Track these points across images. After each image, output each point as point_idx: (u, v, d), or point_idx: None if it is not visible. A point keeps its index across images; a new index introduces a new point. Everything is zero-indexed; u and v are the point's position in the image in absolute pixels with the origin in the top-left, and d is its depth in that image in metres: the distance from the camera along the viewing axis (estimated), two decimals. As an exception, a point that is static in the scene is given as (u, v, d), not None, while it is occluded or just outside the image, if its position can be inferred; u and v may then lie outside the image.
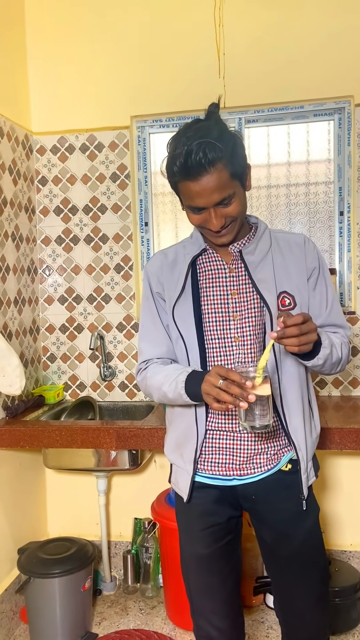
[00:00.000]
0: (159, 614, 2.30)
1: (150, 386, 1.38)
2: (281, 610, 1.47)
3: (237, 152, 1.22)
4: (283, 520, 1.38)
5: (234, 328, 1.34)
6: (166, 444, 1.48)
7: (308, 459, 1.38)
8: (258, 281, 1.33)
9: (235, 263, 1.36)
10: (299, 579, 1.39)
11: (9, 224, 2.31)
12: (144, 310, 1.45)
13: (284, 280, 1.34)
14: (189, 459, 1.38)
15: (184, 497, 1.40)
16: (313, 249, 1.39)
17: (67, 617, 2.07)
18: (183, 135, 1.20)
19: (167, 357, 1.42)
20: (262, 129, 2.47)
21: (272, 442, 1.37)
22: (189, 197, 1.24)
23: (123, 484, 2.56)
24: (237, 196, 1.24)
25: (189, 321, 1.36)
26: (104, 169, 2.51)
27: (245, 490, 1.39)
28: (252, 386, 1.13)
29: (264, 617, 2.24)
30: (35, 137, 2.55)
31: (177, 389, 1.28)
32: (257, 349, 1.34)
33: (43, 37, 2.50)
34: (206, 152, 1.16)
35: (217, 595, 1.41)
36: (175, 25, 2.39)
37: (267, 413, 1.16)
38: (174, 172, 1.22)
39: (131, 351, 2.54)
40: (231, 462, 1.36)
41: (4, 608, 2.14)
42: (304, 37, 2.30)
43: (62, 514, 2.61)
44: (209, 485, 1.39)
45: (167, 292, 1.39)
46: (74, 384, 2.61)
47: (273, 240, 1.38)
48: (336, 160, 2.40)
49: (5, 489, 2.22)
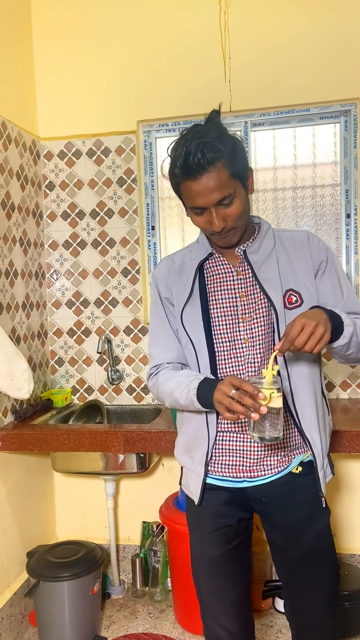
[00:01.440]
0: (167, 617, 2.29)
1: (162, 392, 1.39)
2: (291, 613, 1.47)
3: (236, 152, 1.25)
4: (294, 523, 1.38)
5: (244, 330, 1.34)
6: (177, 447, 1.49)
7: (324, 455, 1.38)
8: (263, 280, 1.33)
9: (242, 265, 1.37)
10: (310, 581, 1.39)
11: (17, 229, 2.33)
12: (153, 315, 1.46)
13: (289, 278, 1.35)
14: (199, 462, 1.38)
15: (195, 500, 1.40)
16: (318, 243, 1.39)
17: (76, 620, 2.07)
18: (182, 138, 1.24)
19: (177, 361, 1.42)
20: (268, 132, 2.47)
21: (284, 443, 1.37)
22: (190, 198, 1.26)
23: (131, 488, 2.56)
24: (238, 196, 1.25)
25: (198, 325, 1.36)
26: (111, 173, 2.52)
27: (255, 493, 1.39)
28: (265, 398, 1.13)
29: (273, 621, 2.23)
30: (43, 143, 2.56)
31: (189, 395, 1.29)
32: (267, 350, 1.34)
33: (49, 43, 2.52)
34: (204, 152, 1.19)
35: (227, 597, 1.41)
36: (180, 29, 2.40)
37: (278, 425, 1.16)
38: (175, 173, 1.25)
39: (138, 355, 2.55)
40: (241, 464, 1.37)
41: (13, 611, 2.15)
42: (309, 40, 2.31)
43: (71, 517, 2.61)
44: (220, 487, 1.39)
45: (176, 297, 1.40)
46: (82, 387, 2.62)
47: (277, 239, 1.39)
48: (342, 162, 2.40)
49: (14, 492, 2.23)
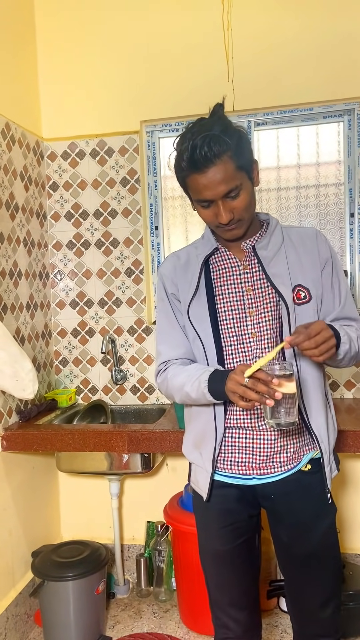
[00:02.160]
0: (172, 617, 2.30)
1: (172, 387, 1.39)
2: (293, 608, 1.48)
3: (242, 144, 1.26)
4: (301, 521, 1.38)
5: (251, 324, 1.34)
6: (185, 443, 1.49)
7: (330, 451, 1.39)
8: (272, 275, 1.33)
9: (248, 259, 1.37)
10: (313, 577, 1.40)
11: (21, 230, 2.33)
12: (160, 312, 1.46)
13: (298, 273, 1.35)
14: (208, 458, 1.38)
15: (204, 496, 1.40)
16: (324, 241, 1.40)
17: (81, 620, 2.07)
18: (188, 132, 1.25)
19: (185, 357, 1.43)
20: (272, 132, 2.47)
21: (293, 439, 1.37)
22: (197, 191, 1.26)
23: (135, 487, 2.56)
24: (244, 189, 1.26)
25: (205, 320, 1.37)
26: (114, 173, 2.52)
27: (264, 490, 1.39)
28: (278, 384, 1.14)
29: (278, 620, 2.23)
30: (46, 143, 2.57)
31: (199, 388, 1.29)
32: (275, 344, 1.34)
33: (52, 45, 2.52)
34: (211, 145, 1.20)
35: (235, 590, 1.43)
36: (183, 29, 2.40)
37: (293, 410, 1.17)
38: (182, 167, 1.26)
39: (142, 354, 2.55)
40: (251, 461, 1.37)
41: (18, 611, 2.15)
42: (312, 39, 2.30)
43: (75, 517, 2.62)
44: (229, 484, 1.40)
45: (182, 293, 1.41)
46: (86, 387, 2.63)
47: (285, 235, 1.39)
48: (346, 161, 2.39)
49: (18, 492, 2.24)
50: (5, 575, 2.12)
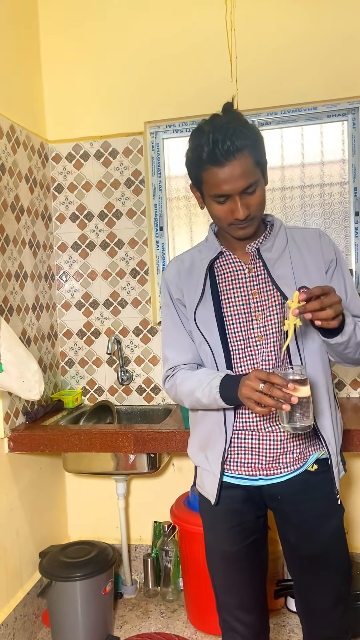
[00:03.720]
0: (180, 617, 2.30)
1: (181, 392, 1.39)
2: (302, 610, 1.47)
3: (259, 141, 1.27)
4: (308, 521, 1.38)
5: (257, 327, 1.34)
6: (190, 446, 1.48)
7: (337, 452, 1.39)
8: (277, 278, 1.33)
9: (253, 262, 1.37)
10: (321, 578, 1.39)
11: (26, 232, 2.34)
12: (166, 317, 1.46)
13: (302, 275, 1.35)
14: (215, 461, 1.37)
15: (212, 500, 1.39)
16: (328, 241, 1.40)
17: (89, 620, 2.08)
18: (206, 126, 1.24)
19: (193, 362, 1.42)
20: (276, 131, 2.46)
21: (299, 440, 1.36)
22: (214, 185, 1.25)
23: (142, 488, 2.57)
24: (260, 185, 1.27)
25: (212, 325, 1.36)
26: (119, 175, 2.53)
27: (271, 490, 1.39)
28: (293, 388, 1.14)
29: (286, 620, 2.23)
30: (51, 145, 2.58)
31: (211, 393, 1.29)
32: (281, 347, 1.33)
33: (57, 47, 2.53)
34: (233, 139, 1.19)
35: (243, 592, 1.43)
36: (186, 30, 2.40)
37: (309, 414, 1.17)
38: (202, 159, 1.23)
39: (148, 355, 2.56)
40: (257, 461, 1.36)
41: (26, 611, 2.16)
42: (315, 38, 2.30)
43: (82, 517, 2.63)
44: (235, 485, 1.39)
45: (187, 298, 1.40)
46: (92, 388, 2.63)
47: (289, 237, 1.39)
48: (351, 160, 2.39)
49: (26, 493, 2.25)
50: (13, 576, 2.13)
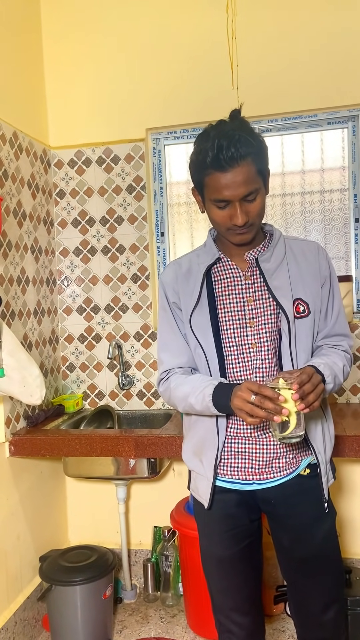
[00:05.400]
0: (179, 622, 2.30)
1: (175, 397, 1.40)
2: (296, 612, 1.48)
3: (263, 150, 1.29)
4: (301, 524, 1.39)
5: (251, 335, 1.36)
6: (184, 451, 1.50)
7: (327, 461, 1.40)
8: (274, 288, 1.35)
9: (251, 270, 1.38)
10: (315, 580, 1.40)
11: (29, 237, 2.36)
12: (162, 320, 1.47)
13: (299, 287, 1.37)
14: (209, 465, 1.39)
15: (205, 504, 1.41)
16: (325, 257, 1.42)
17: (89, 625, 2.08)
18: (212, 131, 1.26)
19: (187, 366, 1.44)
20: (276, 138, 2.48)
21: (292, 446, 1.38)
22: (216, 190, 1.27)
23: (142, 492, 2.57)
24: (260, 194, 1.29)
25: (207, 330, 1.38)
26: (120, 181, 2.55)
27: (264, 495, 1.40)
28: (284, 400, 1.16)
29: (285, 625, 2.23)
30: (53, 152, 2.60)
31: (204, 401, 1.31)
32: (274, 355, 1.36)
33: (59, 54, 2.56)
34: (238, 146, 1.21)
35: (238, 595, 1.44)
36: (188, 38, 2.43)
37: (300, 424, 1.19)
38: (206, 163, 1.25)
39: (149, 360, 2.57)
40: (251, 466, 1.38)
41: (26, 615, 2.17)
42: (315, 46, 2.32)
43: (83, 522, 2.63)
44: (229, 489, 1.41)
45: (184, 302, 1.42)
46: (93, 392, 2.64)
47: (287, 248, 1.41)
48: (351, 167, 2.41)
49: (26, 497, 2.25)
50: (14, 580, 2.13)
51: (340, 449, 1.86)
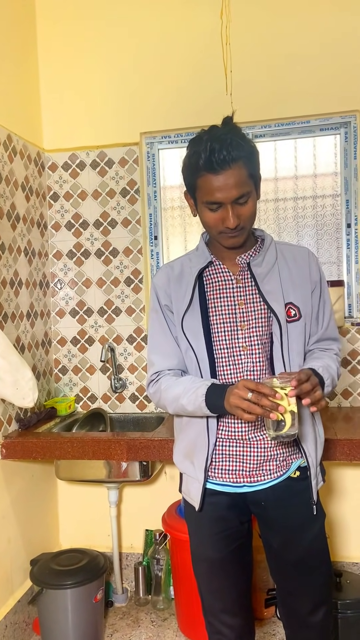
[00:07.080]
0: (170, 626, 2.30)
1: (165, 399, 1.41)
2: (285, 614, 1.50)
3: (255, 155, 1.31)
4: (291, 526, 1.41)
5: (242, 337, 1.37)
6: (175, 453, 1.50)
7: (317, 463, 1.42)
8: (266, 292, 1.36)
9: (242, 274, 1.39)
10: (303, 582, 1.41)
11: (22, 239, 2.36)
12: (153, 323, 1.48)
13: (290, 291, 1.39)
14: (200, 468, 1.40)
15: (196, 506, 1.42)
16: (316, 262, 1.44)
17: (79, 628, 2.08)
18: (205, 134, 1.28)
19: (178, 368, 1.45)
20: (269, 144, 2.50)
21: (282, 449, 1.39)
22: (208, 192, 1.28)
23: (134, 496, 2.57)
24: (252, 197, 1.30)
25: (198, 332, 1.39)
26: (114, 184, 2.55)
27: (255, 497, 1.41)
28: (281, 398, 1.18)
29: (276, 629, 2.23)
30: (47, 155, 2.60)
31: (197, 401, 1.31)
32: (265, 358, 1.37)
33: (54, 58, 2.57)
34: (230, 149, 1.23)
35: (228, 597, 1.45)
36: (183, 43, 2.44)
37: (294, 422, 1.21)
38: (198, 166, 1.27)
39: (141, 363, 2.57)
40: (241, 469, 1.39)
41: (17, 619, 2.16)
42: (309, 53, 2.34)
43: (74, 525, 2.62)
44: (219, 492, 1.42)
45: (175, 305, 1.43)
46: (85, 395, 2.64)
47: (279, 253, 1.42)
48: (343, 173, 2.43)
49: (18, 500, 2.25)
50: (4, 583, 2.12)
51: (331, 453, 1.87)
